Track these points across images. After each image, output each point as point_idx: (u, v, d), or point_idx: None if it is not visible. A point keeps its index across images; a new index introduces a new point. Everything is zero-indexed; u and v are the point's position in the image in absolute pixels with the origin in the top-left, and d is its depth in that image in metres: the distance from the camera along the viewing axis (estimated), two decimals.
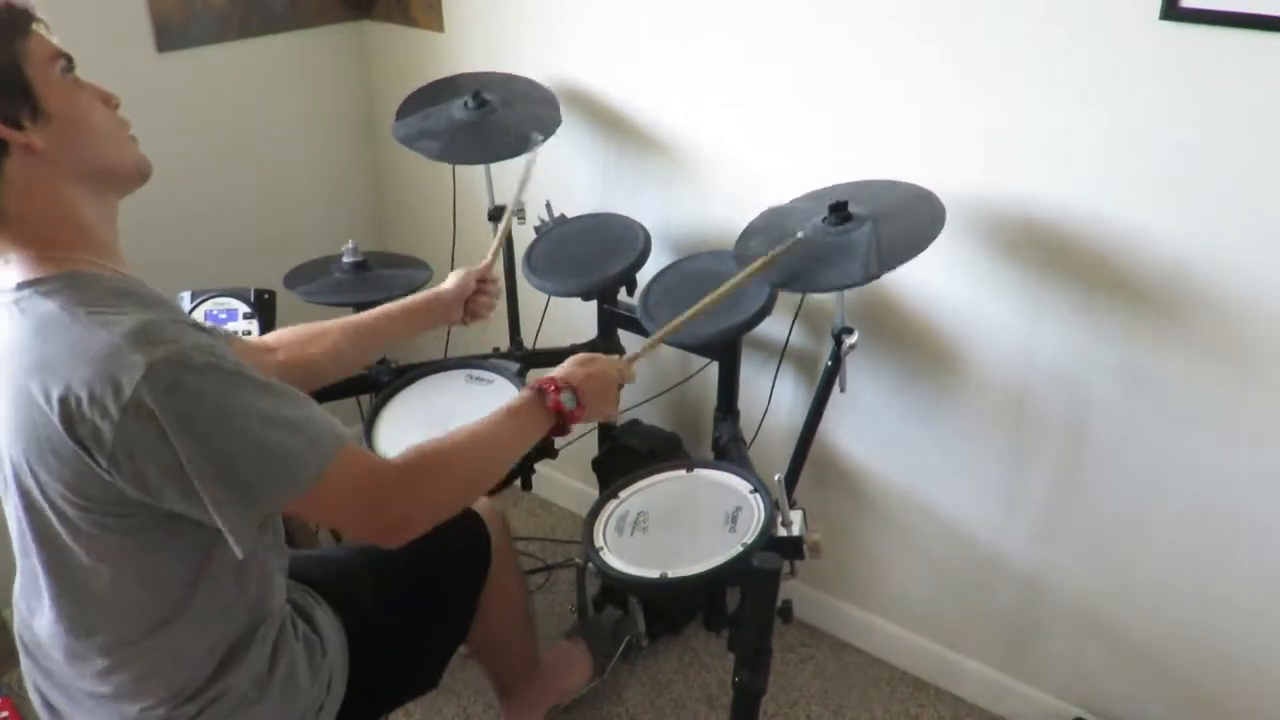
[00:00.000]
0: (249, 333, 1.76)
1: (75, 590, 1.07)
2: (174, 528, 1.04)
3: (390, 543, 1.13)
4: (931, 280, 1.70)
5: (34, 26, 1.01)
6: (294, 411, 1.03)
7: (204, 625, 1.12)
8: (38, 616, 1.13)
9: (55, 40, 1.03)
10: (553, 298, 1.97)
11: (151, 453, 0.95)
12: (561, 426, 1.28)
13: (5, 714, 1.89)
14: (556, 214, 1.99)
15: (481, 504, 1.58)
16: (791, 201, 1.66)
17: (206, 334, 1.03)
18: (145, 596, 1.08)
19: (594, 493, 2.12)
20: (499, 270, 1.72)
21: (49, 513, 1.03)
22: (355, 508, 1.09)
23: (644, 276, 1.85)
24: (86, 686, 1.13)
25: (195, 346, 0.98)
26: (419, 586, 1.45)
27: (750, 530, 1.38)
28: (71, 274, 1.01)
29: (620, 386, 1.39)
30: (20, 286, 1.00)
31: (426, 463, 1.14)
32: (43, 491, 1.01)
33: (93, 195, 1.05)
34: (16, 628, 1.20)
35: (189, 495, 0.98)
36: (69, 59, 1.03)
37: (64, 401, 0.94)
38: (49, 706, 1.21)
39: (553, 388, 1.27)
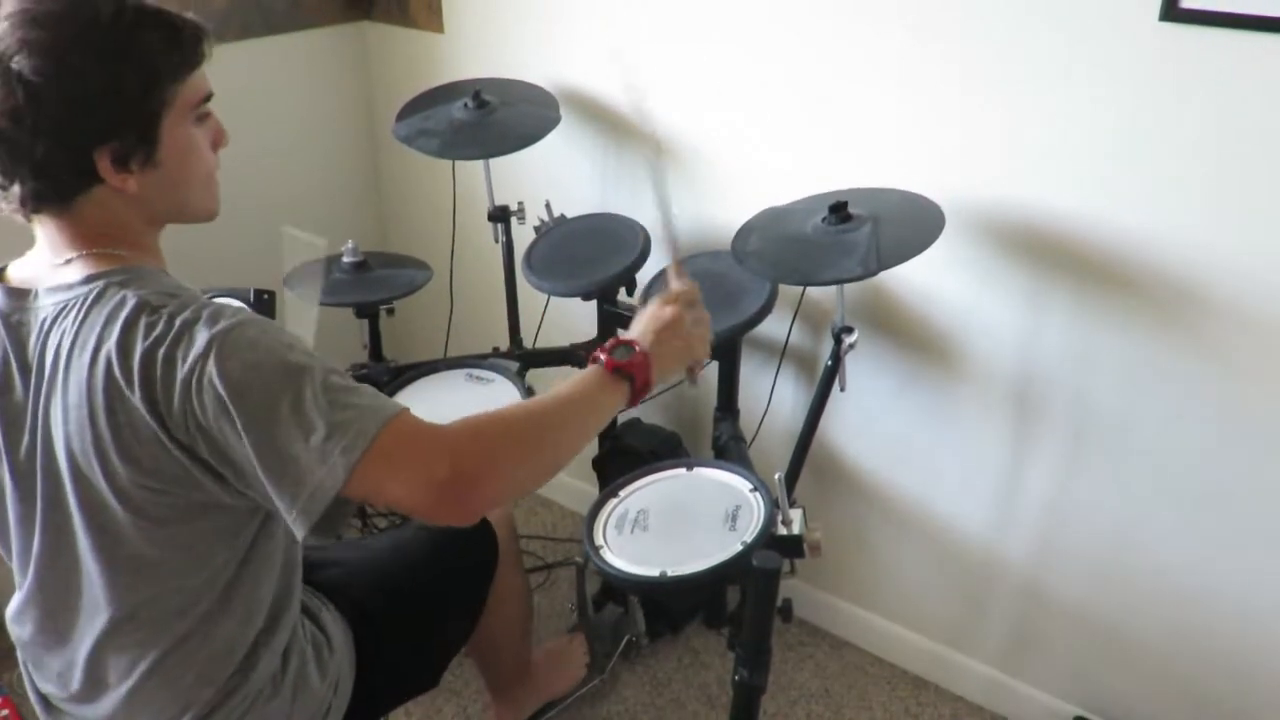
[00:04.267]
0: None
1: (127, 588, 1.07)
2: (230, 511, 1.05)
3: (459, 511, 1.01)
4: (931, 280, 1.71)
5: (202, 65, 1.04)
6: (347, 381, 1.01)
7: (238, 616, 1.13)
8: (70, 630, 1.12)
9: (208, 77, 1.05)
10: (553, 297, 1.97)
11: (219, 425, 0.95)
12: (633, 380, 1.14)
13: (5, 713, 1.89)
14: (556, 214, 2.00)
15: None
16: (791, 202, 1.66)
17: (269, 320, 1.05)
18: (198, 584, 1.08)
19: (594, 491, 2.12)
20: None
21: (115, 504, 1.01)
22: (413, 471, 0.99)
23: (644, 276, 1.85)
24: (109, 685, 1.13)
25: (254, 320, 1.00)
26: (423, 588, 1.45)
27: (750, 529, 1.38)
28: (134, 268, 1.03)
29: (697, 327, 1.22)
30: (90, 279, 1.01)
31: (478, 431, 1.04)
32: (111, 480, 1.00)
33: (157, 223, 1.09)
34: (23, 658, 1.19)
35: (253, 473, 0.97)
36: (209, 97, 1.06)
37: (146, 383, 0.96)
38: (49, 707, 1.21)
39: (603, 349, 1.15)
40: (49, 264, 1.04)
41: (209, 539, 1.07)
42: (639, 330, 1.19)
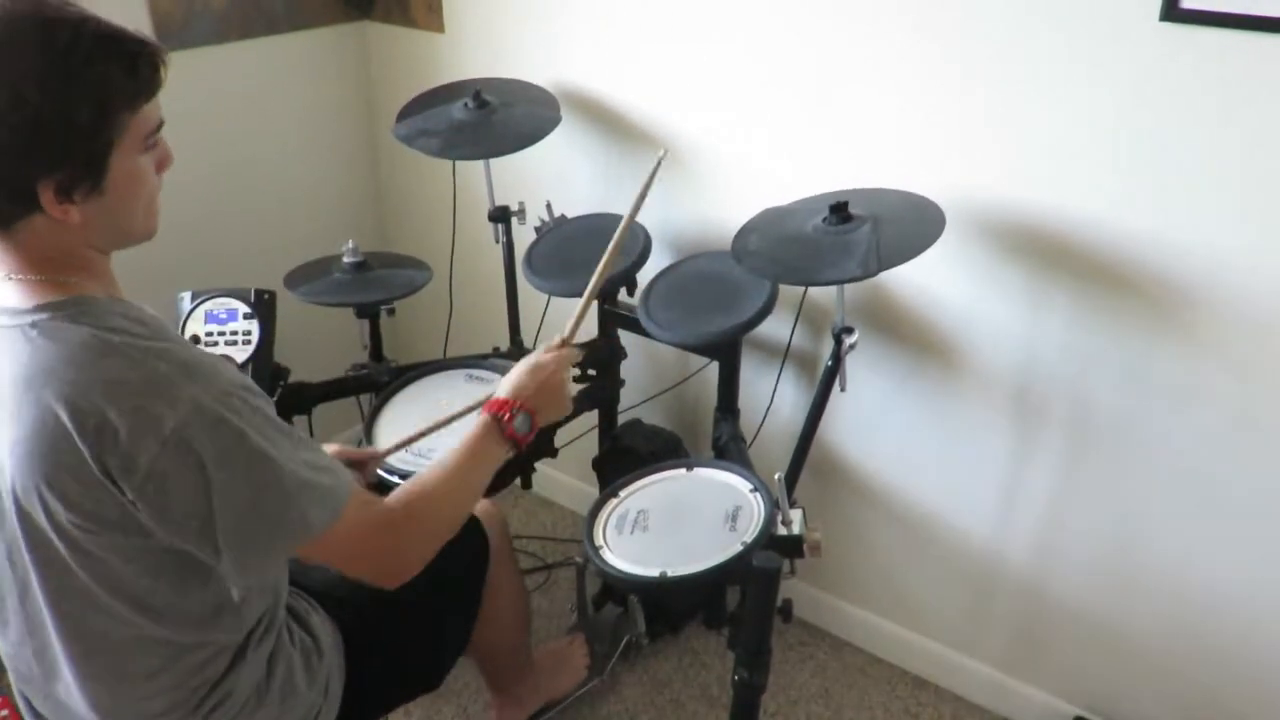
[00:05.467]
0: (249, 333, 1.76)
1: (78, 617, 1.06)
2: (181, 550, 1.03)
3: (390, 585, 1.17)
4: (932, 280, 1.71)
5: (158, 94, 1.00)
6: (315, 456, 1.06)
7: (211, 646, 1.13)
8: (34, 654, 1.12)
9: (159, 105, 1.01)
10: (553, 298, 1.97)
11: (182, 486, 0.96)
12: (518, 448, 1.30)
13: (5, 713, 1.89)
14: (557, 214, 2.00)
15: (481, 505, 1.58)
16: (791, 203, 1.66)
17: (239, 370, 1.05)
18: (151, 614, 1.07)
19: (594, 492, 2.12)
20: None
21: (56, 540, 1.01)
22: (363, 551, 1.13)
23: (644, 277, 1.85)
24: (85, 707, 1.12)
25: (234, 384, 1.00)
26: (416, 592, 1.45)
27: (750, 529, 1.38)
28: (84, 298, 1.00)
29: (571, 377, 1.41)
30: (38, 309, 0.98)
31: (419, 507, 1.18)
32: (50, 518, 0.99)
33: (99, 250, 1.05)
34: (13, 680, 1.19)
35: (205, 534, 0.99)
36: (161, 125, 1.02)
37: (100, 430, 0.94)
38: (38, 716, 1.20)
39: (507, 415, 1.28)
40: None
41: (159, 574, 1.05)
42: (532, 394, 1.32)
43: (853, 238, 1.46)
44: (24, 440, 0.97)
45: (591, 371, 2.05)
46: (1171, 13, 1.34)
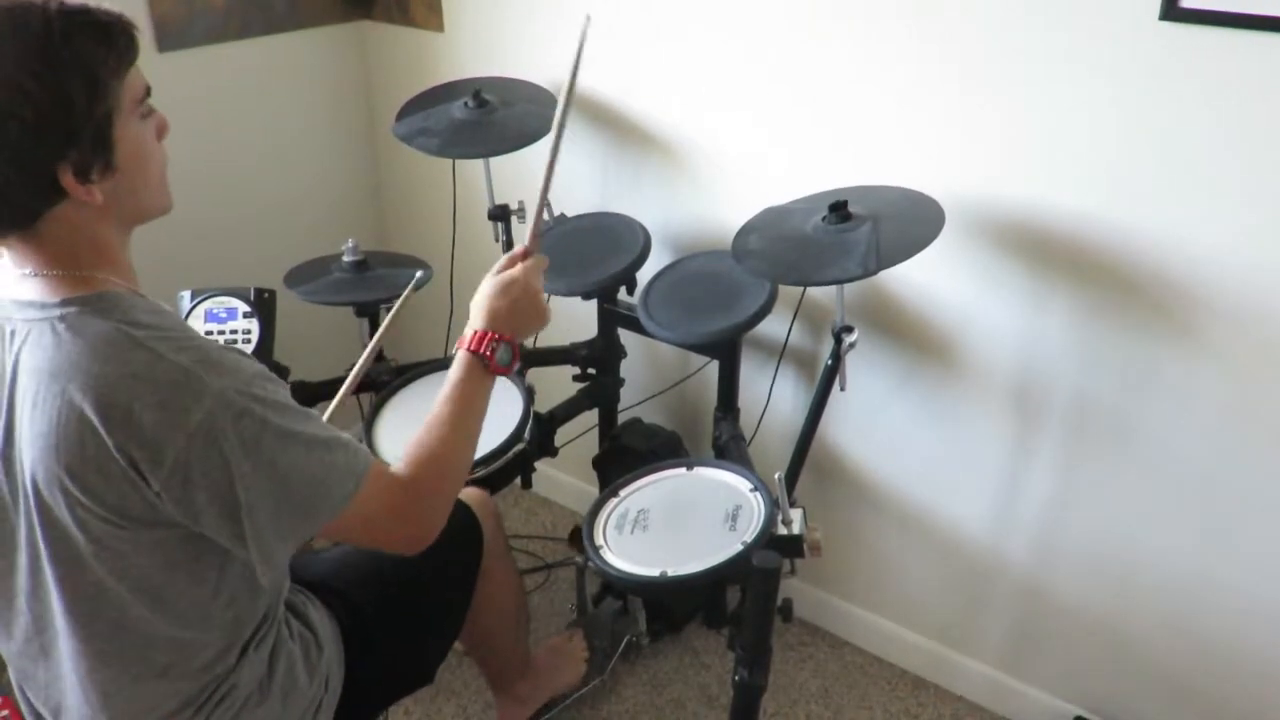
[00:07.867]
0: (249, 332, 1.76)
1: (91, 613, 1.06)
2: (200, 542, 1.04)
3: (414, 551, 1.18)
4: (931, 279, 1.71)
5: (137, 60, 1.00)
6: (329, 434, 1.07)
7: (218, 641, 1.13)
8: (39, 652, 1.12)
9: (141, 71, 1.02)
10: (553, 297, 1.97)
11: (208, 477, 0.97)
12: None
13: (5, 713, 1.89)
14: (556, 213, 1.99)
15: (473, 496, 1.59)
16: (791, 202, 1.66)
17: (255, 361, 1.06)
18: (165, 609, 1.07)
19: (594, 491, 2.12)
20: None
21: (76, 534, 1.01)
22: (384, 522, 1.14)
23: (644, 276, 1.85)
24: (91, 706, 1.12)
25: (255, 374, 1.01)
26: (411, 581, 1.45)
27: (750, 529, 1.38)
28: (109, 293, 1.01)
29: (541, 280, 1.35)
30: (65, 303, 0.99)
31: (430, 469, 1.18)
32: (72, 511, 0.99)
33: (123, 229, 1.06)
34: (14, 677, 1.19)
35: (230, 522, 1.00)
36: (149, 91, 1.03)
37: (126, 424, 0.95)
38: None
39: (489, 352, 1.24)
40: (14, 273, 1.02)
41: (174, 569, 1.06)
42: (507, 317, 1.28)
43: (852, 237, 1.46)
44: (47, 433, 0.97)
45: (591, 371, 2.05)
46: (1171, 12, 1.34)
